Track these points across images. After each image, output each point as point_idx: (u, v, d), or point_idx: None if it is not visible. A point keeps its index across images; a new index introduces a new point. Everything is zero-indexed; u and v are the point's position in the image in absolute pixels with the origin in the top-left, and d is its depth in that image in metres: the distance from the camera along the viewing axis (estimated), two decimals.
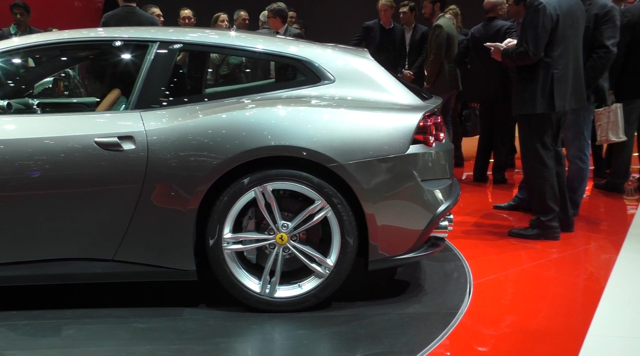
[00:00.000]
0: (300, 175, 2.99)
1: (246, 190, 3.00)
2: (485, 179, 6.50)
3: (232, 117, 3.01)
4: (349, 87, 3.15)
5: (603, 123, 5.35)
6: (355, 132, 2.99)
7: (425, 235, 3.13)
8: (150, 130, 3.02)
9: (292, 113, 3.01)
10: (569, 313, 3.17)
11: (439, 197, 3.13)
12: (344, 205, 3.00)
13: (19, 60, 3.66)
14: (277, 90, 3.20)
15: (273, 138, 2.94)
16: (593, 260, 4.10)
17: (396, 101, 3.15)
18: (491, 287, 3.52)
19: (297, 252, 3.10)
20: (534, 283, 3.59)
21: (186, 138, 2.98)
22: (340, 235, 3.03)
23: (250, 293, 3.10)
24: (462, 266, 3.83)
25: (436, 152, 3.16)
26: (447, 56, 6.52)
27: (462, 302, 3.23)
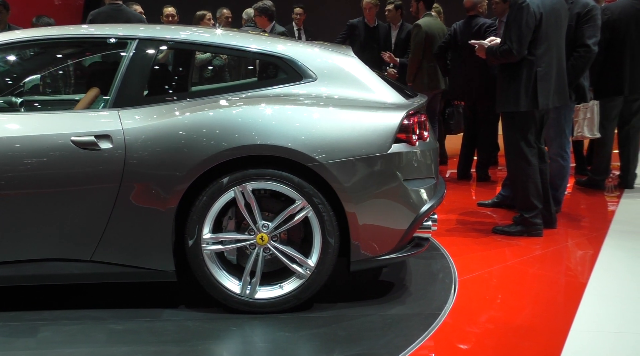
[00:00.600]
0: (280, 174, 2.95)
1: (225, 189, 2.96)
2: (469, 177, 6.47)
3: (210, 116, 2.97)
4: (331, 85, 3.12)
5: (580, 119, 5.40)
6: (336, 131, 2.96)
7: (408, 235, 3.09)
8: (127, 129, 2.97)
9: (272, 111, 2.97)
10: (552, 309, 3.18)
11: (422, 196, 3.10)
12: (324, 205, 2.96)
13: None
14: (258, 88, 3.16)
15: (252, 137, 2.90)
16: (575, 256, 4.12)
17: (379, 99, 3.12)
18: (476, 284, 3.51)
19: (277, 253, 3.06)
20: (518, 280, 3.60)
21: (164, 137, 2.94)
22: (321, 235, 3.00)
23: (230, 294, 3.06)
24: (447, 264, 3.81)
25: (420, 151, 3.12)
26: (425, 56, 6.47)
27: (446, 303, 3.18)
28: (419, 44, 6.49)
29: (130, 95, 3.09)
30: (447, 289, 3.39)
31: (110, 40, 3.32)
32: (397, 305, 3.19)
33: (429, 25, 6.51)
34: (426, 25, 6.51)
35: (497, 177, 6.53)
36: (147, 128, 2.96)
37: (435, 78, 6.57)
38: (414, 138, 3.10)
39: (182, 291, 3.39)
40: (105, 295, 3.39)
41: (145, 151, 2.93)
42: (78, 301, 3.29)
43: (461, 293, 3.36)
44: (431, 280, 3.54)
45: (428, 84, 6.51)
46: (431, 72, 6.58)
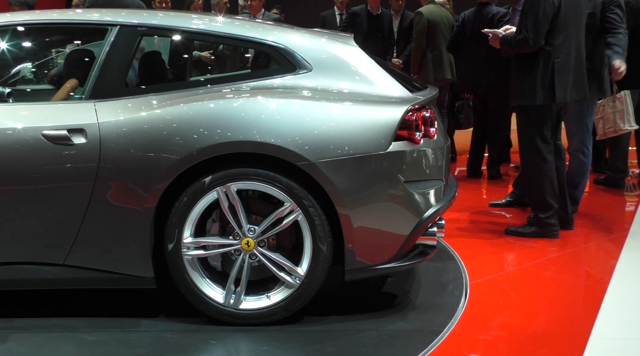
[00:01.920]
0: (266, 174, 2.80)
1: (208, 190, 2.82)
2: (479, 174, 6.36)
3: (193, 110, 2.84)
4: (328, 77, 2.97)
5: (608, 113, 5.32)
6: (330, 127, 2.81)
7: (410, 241, 2.92)
8: (104, 123, 2.84)
9: (259, 105, 2.83)
10: (570, 315, 3.10)
11: (427, 200, 2.93)
12: (315, 208, 2.81)
13: None
14: (247, 80, 3.01)
15: (237, 134, 2.76)
16: (594, 259, 4.04)
17: (381, 93, 2.96)
18: (488, 288, 3.43)
19: (264, 260, 2.90)
20: (533, 284, 3.52)
21: (143, 132, 2.81)
22: (311, 241, 2.84)
23: (213, 304, 2.90)
24: (458, 270, 3.66)
25: (424, 149, 2.94)
26: (429, 44, 6.40)
27: (451, 319, 2.99)
28: (422, 33, 6.35)
29: (109, 86, 2.96)
30: (455, 303, 3.19)
31: (90, 26, 3.19)
32: (398, 319, 3.01)
33: (431, 13, 6.38)
34: (428, 12, 6.37)
35: (510, 174, 6.40)
36: (125, 122, 2.84)
37: (440, 67, 6.44)
38: (418, 135, 2.91)
39: (164, 299, 3.24)
40: (81, 302, 3.25)
41: (122, 146, 2.81)
42: (52, 309, 3.15)
43: (472, 298, 3.26)
44: (439, 291, 3.36)
45: (434, 74, 6.40)
46: (436, 61, 6.42)
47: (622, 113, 5.09)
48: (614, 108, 5.12)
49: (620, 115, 5.10)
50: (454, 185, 3.37)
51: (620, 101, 5.08)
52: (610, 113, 5.13)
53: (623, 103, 5.09)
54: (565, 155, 4.46)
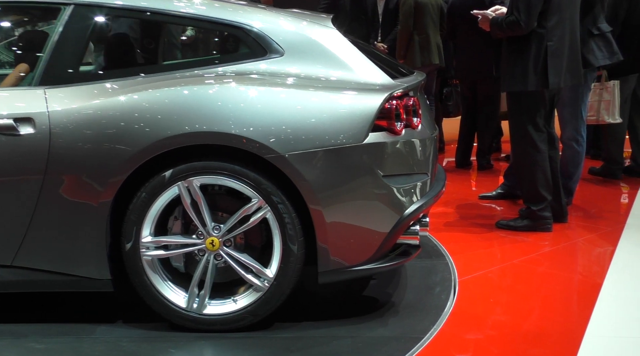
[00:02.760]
0: (232, 168, 2.72)
1: (168, 185, 2.74)
2: (468, 165, 6.40)
3: (152, 98, 2.75)
4: (301, 61, 2.89)
5: (594, 101, 5.34)
6: (301, 117, 2.73)
7: (390, 241, 2.83)
8: (54, 111, 2.75)
9: (224, 93, 2.76)
10: (564, 312, 3.11)
11: (409, 195, 2.85)
12: (285, 205, 2.73)
13: None
14: (213, 65, 2.92)
15: (199, 123, 2.68)
16: (589, 253, 4.04)
17: (359, 79, 2.87)
18: (478, 285, 3.42)
19: (230, 260, 2.82)
20: (525, 280, 3.53)
21: (97, 121, 2.72)
22: (281, 241, 2.76)
23: (174, 309, 2.82)
24: (446, 266, 3.63)
25: (406, 141, 2.85)
26: (416, 27, 6.38)
27: (433, 325, 2.92)
28: (408, 14, 6.31)
29: (61, 72, 2.87)
30: (441, 307, 3.12)
31: (42, 5, 3.08)
32: (376, 325, 2.93)
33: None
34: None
35: (500, 165, 6.44)
36: (78, 111, 2.74)
37: (427, 52, 6.41)
38: (399, 125, 2.82)
39: (122, 303, 3.16)
40: (30, 307, 3.15)
41: (74, 137, 2.71)
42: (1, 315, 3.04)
43: (462, 296, 3.24)
44: (425, 293, 3.28)
45: (420, 58, 6.38)
46: (423, 45, 6.39)
47: (608, 105, 5.10)
48: (600, 96, 5.12)
49: (605, 105, 5.11)
50: (441, 179, 3.28)
51: (608, 91, 5.08)
52: (595, 102, 5.12)
53: (611, 94, 5.10)
54: (559, 144, 4.44)
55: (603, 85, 5.14)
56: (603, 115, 5.15)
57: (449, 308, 3.12)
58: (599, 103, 5.12)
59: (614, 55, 4.74)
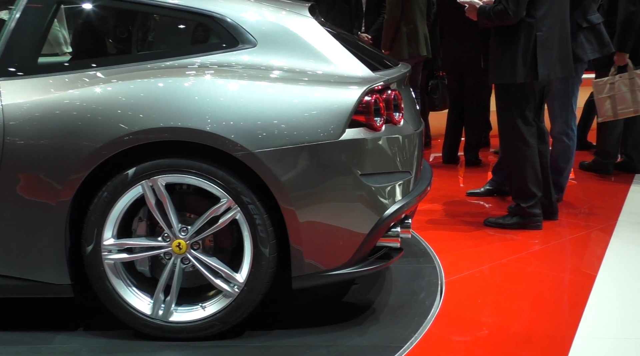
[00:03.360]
0: (199, 166, 2.66)
1: (131, 184, 2.69)
2: (456, 160, 6.41)
3: (114, 91, 2.70)
4: (275, 53, 2.85)
5: (622, 92, 4.95)
6: (273, 112, 2.68)
7: (369, 243, 2.78)
8: (9, 105, 2.69)
9: (192, 86, 2.71)
10: (554, 313, 3.14)
11: (389, 195, 2.80)
12: (256, 205, 2.68)
13: None
14: (181, 56, 2.87)
15: (163, 119, 2.63)
16: (580, 251, 4.06)
17: (337, 72, 2.83)
18: (465, 285, 3.43)
19: (198, 264, 2.76)
20: (514, 280, 3.55)
21: (55, 116, 2.67)
22: (252, 244, 2.71)
23: (139, 316, 2.77)
24: (432, 267, 3.61)
25: (387, 137, 2.81)
26: (404, 17, 6.33)
27: (414, 334, 2.87)
28: (395, 4, 6.26)
29: (17, 62, 2.81)
30: (424, 313, 3.07)
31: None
32: (354, 334, 2.88)
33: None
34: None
35: (489, 160, 6.45)
36: (34, 104, 2.70)
37: (415, 43, 6.40)
38: (379, 121, 2.77)
39: (84, 310, 3.11)
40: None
41: (31, 133, 2.66)
42: None
43: (448, 297, 3.25)
44: (409, 299, 3.23)
45: (408, 49, 6.35)
46: (411, 35, 6.38)
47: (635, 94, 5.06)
48: (634, 85, 5.07)
49: (632, 95, 5.07)
50: (426, 178, 3.24)
51: (635, 81, 5.03)
52: (627, 92, 5.09)
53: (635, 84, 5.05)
54: (549, 138, 4.46)
55: (633, 73, 5.09)
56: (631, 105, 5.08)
57: (433, 315, 3.09)
58: (634, 93, 5.06)
59: (605, 47, 4.75)
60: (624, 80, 5.05)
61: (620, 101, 5.05)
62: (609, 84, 4.98)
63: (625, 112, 5.12)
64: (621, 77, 5.04)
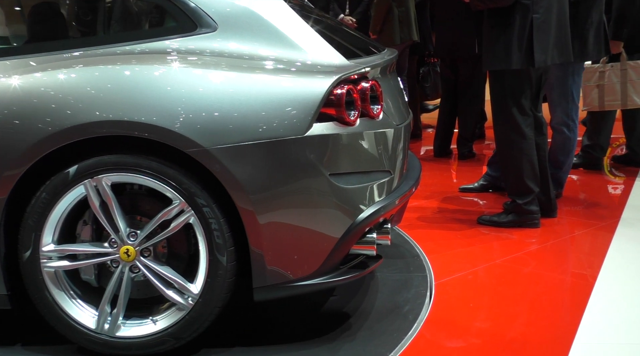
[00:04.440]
0: (148, 164, 2.59)
1: (73, 183, 2.62)
2: (448, 154, 6.47)
3: (54, 80, 2.63)
4: (237, 38, 2.76)
5: (612, 83, 4.99)
6: (232, 105, 2.59)
7: (340, 250, 2.71)
8: None
9: (138, 75, 2.63)
10: (552, 318, 3.13)
11: (364, 197, 2.73)
12: (212, 208, 2.61)
13: None
14: (132, 41, 2.77)
15: (108, 111, 2.55)
16: (580, 251, 4.10)
17: (307, 59, 2.74)
18: (457, 288, 3.45)
19: (148, 273, 2.70)
20: (510, 282, 3.56)
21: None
22: (207, 251, 2.63)
23: (82, 330, 2.71)
24: (422, 271, 3.58)
25: (362, 133, 2.73)
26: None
27: (390, 353, 2.80)
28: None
29: None
30: (405, 329, 3.00)
31: None
32: (324, 352, 2.81)
33: None
34: None
35: (484, 153, 6.50)
36: None
37: (407, 27, 6.38)
38: (352, 115, 2.70)
39: (23, 323, 3.06)
40: None
41: None
42: None
43: (439, 300, 3.25)
44: (390, 314, 3.15)
45: (400, 34, 6.35)
46: (404, 19, 6.38)
47: (636, 85, 5.06)
48: (625, 77, 5.09)
49: (635, 87, 5.09)
50: (412, 177, 3.18)
51: (637, 71, 5.04)
52: (617, 83, 5.11)
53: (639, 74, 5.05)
54: (547, 129, 4.48)
55: (626, 64, 5.12)
56: (634, 98, 5.10)
57: (414, 332, 3.02)
58: (625, 85, 5.08)
59: None
60: (615, 71, 5.07)
61: (608, 92, 5.09)
62: (599, 72, 5.00)
63: (612, 104, 5.16)
64: (612, 67, 5.07)
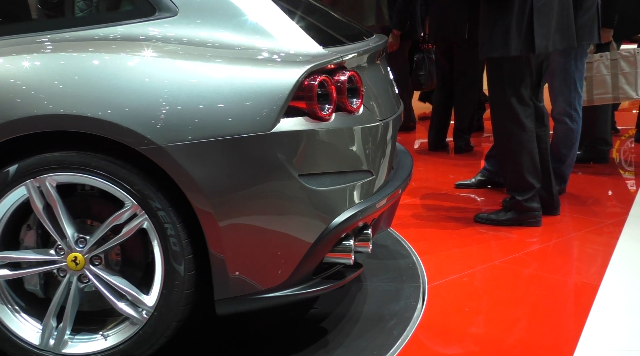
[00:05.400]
0: (96, 163, 2.53)
1: (13, 184, 2.57)
2: (444, 147, 6.50)
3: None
4: (199, 23, 2.70)
5: (602, 75, 5.02)
6: (189, 97, 2.51)
7: (312, 259, 2.64)
8: None
9: (86, 65, 2.56)
10: (554, 323, 3.15)
11: (339, 200, 2.65)
12: (168, 212, 2.54)
13: None
14: (81, 27, 2.71)
15: (52, 104, 2.49)
16: (585, 251, 4.12)
17: (276, 48, 2.66)
18: (452, 291, 3.46)
19: (98, 283, 2.63)
20: (509, 285, 3.58)
21: None
22: (162, 259, 2.57)
23: (24, 346, 2.64)
24: (415, 281, 3.51)
25: (337, 129, 2.65)
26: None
27: None
28: None
29: None
30: (385, 348, 2.92)
31: None
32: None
33: None
34: None
35: (482, 146, 6.52)
36: None
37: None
38: (326, 109, 2.62)
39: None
40: None
41: None
42: None
43: (432, 304, 3.26)
44: (371, 329, 3.09)
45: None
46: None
47: (632, 78, 5.06)
48: (616, 68, 5.08)
49: (627, 79, 5.08)
50: (400, 177, 3.11)
51: (629, 61, 5.03)
52: (607, 75, 5.11)
53: (636, 64, 5.05)
54: (549, 120, 4.50)
55: (616, 54, 5.11)
56: (627, 90, 5.08)
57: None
58: (616, 78, 5.07)
59: None
60: (604, 61, 5.09)
61: (597, 85, 5.10)
62: (587, 64, 4.97)
63: (603, 98, 5.18)
64: (601, 57, 5.07)
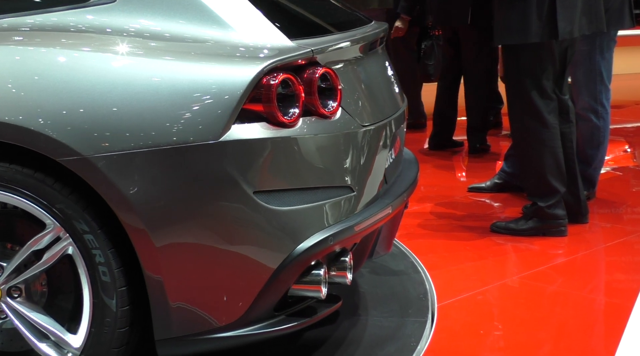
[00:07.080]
0: (11, 176, 2.48)
1: None
2: (448, 146, 6.55)
3: None
4: (142, 11, 2.61)
5: None
6: (122, 100, 2.42)
7: (273, 291, 2.52)
8: None
9: (4, 61, 2.51)
10: (582, 347, 3.16)
11: (306, 222, 2.53)
12: (96, 236, 2.46)
13: None
14: (5, 14, 2.67)
15: None
16: (616, 265, 4.08)
17: (232, 40, 2.56)
18: (464, 311, 3.46)
19: (15, 320, 2.57)
20: (530, 304, 3.56)
21: None
22: (91, 291, 2.49)
23: None
24: (422, 316, 3.37)
25: (305, 137, 2.54)
26: None
27: None
28: None
29: None
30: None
31: None
32: None
33: None
34: None
35: (500, 146, 6.49)
36: None
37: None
38: (290, 113, 2.51)
39: None
40: None
41: None
42: None
43: (442, 325, 3.24)
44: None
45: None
46: None
47: None
48: None
49: None
50: (394, 193, 2.98)
51: None
52: None
53: None
54: (574, 116, 4.48)
55: None
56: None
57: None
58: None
59: None
60: None
61: None
62: None
63: None
64: None
